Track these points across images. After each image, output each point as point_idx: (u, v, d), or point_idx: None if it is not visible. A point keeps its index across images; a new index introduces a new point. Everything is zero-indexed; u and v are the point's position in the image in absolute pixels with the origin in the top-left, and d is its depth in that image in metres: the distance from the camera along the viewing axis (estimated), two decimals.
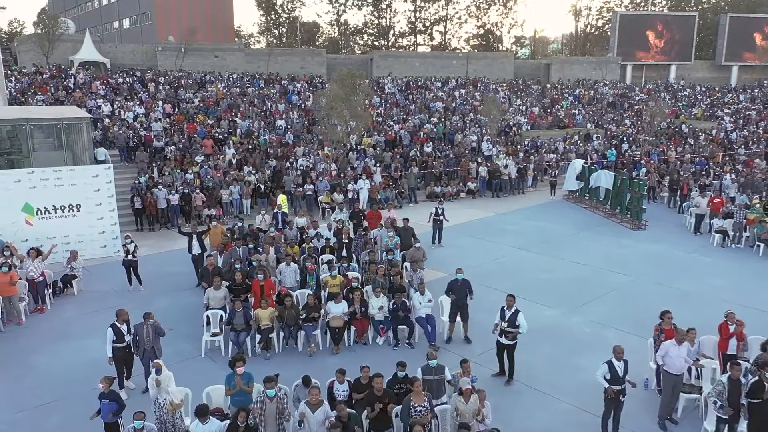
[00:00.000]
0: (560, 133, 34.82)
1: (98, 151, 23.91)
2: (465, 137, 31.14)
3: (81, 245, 16.64)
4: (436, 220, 18.50)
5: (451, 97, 42.18)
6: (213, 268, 12.57)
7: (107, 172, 16.99)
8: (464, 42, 77.09)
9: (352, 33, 77.13)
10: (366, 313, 11.66)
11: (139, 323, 9.76)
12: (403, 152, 28.04)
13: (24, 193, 15.90)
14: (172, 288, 14.53)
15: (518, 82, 50.72)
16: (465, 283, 11.83)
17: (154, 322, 9.84)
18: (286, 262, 13.02)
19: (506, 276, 15.87)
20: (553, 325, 12.80)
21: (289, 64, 51.59)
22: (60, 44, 45.24)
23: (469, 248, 18.58)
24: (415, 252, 14.41)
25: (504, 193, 26.72)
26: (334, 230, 16.13)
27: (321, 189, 22.69)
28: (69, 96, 32.67)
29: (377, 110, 35.24)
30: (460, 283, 11.78)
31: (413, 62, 55.38)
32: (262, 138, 27.54)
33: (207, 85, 38.73)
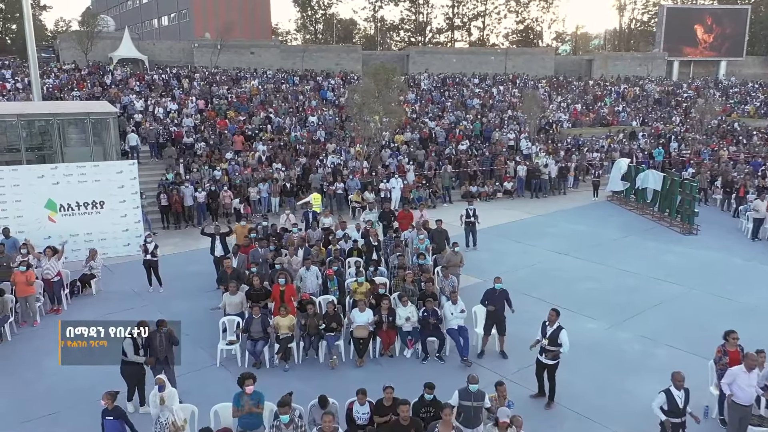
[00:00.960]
0: (603, 131, 33.25)
1: (130, 137, 23.88)
2: (502, 135, 29.95)
3: (104, 243, 16.26)
4: (467, 223, 17.48)
5: (489, 93, 40.91)
6: (231, 271, 11.87)
7: (131, 168, 16.55)
8: (503, 38, 75.51)
9: (389, 29, 76.26)
10: (393, 323, 10.79)
11: (153, 331, 9.07)
12: (437, 150, 27.06)
13: (47, 189, 15.57)
14: (193, 290, 13.94)
15: (558, 79, 49.02)
16: (503, 293, 10.85)
17: (168, 329, 9.16)
18: (306, 266, 12.23)
19: (545, 283, 14.78)
20: (598, 340, 11.69)
21: (324, 60, 51.20)
22: (99, 41, 45.83)
23: (505, 252, 17.53)
24: (453, 256, 13.47)
25: (543, 193, 25.47)
26: (363, 231, 15.30)
27: (352, 187, 21.91)
28: (105, 92, 32.78)
29: (412, 107, 34.31)
30: (498, 293, 10.81)
31: (450, 58, 54.33)
32: (293, 135, 26.92)
33: (242, 81, 38.49)
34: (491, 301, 10.78)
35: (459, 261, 13.39)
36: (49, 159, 20.09)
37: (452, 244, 13.86)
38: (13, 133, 21.33)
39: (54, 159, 20.61)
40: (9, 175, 15.36)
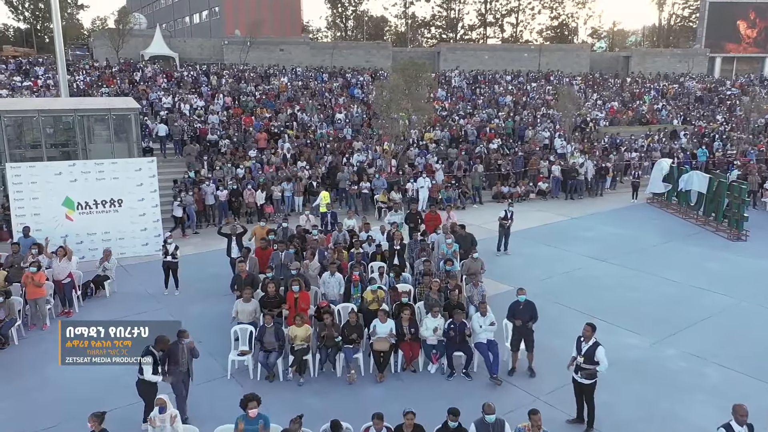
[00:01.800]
0: (642, 130, 31.80)
1: (159, 127, 23.89)
2: (536, 133, 28.83)
3: (122, 242, 15.86)
4: (503, 224, 16.55)
5: (522, 91, 39.70)
6: (246, 276, 11.21)
7: (150, 165, 16.10)
8: (536, 34, 73.82)
9: (420, 26, 75.28)
10: (417, 336, 10.01)
11: (173, 342, 8.38)
12: (468, 149, 26.10)
13: (65, 187, 15.21)
14: (209, 292, 13.37)
15: (594, 76, 47.45)
16: (528, 305, 9.95)
17: (189, 341, 8.52)
18: (330, 271, 11.51)
19: (581, 292, 13.79)
20: (641, 357, 10.70)
21: (353, 57, 50.65)
22: (131, 39, 46.17)
23: (538, 257, 16.56)
24: (472, 263, 12.61)
25: (579, 194, 24.33)
26: (387, 234, 14.52)
27: (378, 187, 21.14)
28: (133, 89, 32.78)
29: (442, 104, 33.40)
30: (522, 305, 9.92)
31: (482, 55, 53.21)
32: (318, 132, 26.29)
33: (271, 78, 38.13)
34: (516, 315, 9.91)
35: (479, 268, 12.49)
36: (73, 156, 19.87)
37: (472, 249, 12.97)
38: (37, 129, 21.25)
39: (78, 156, 20.42)
40: (26, 172, 15.05)
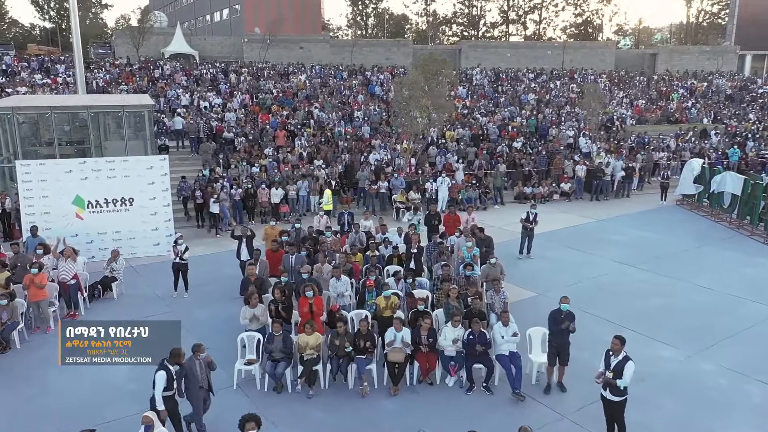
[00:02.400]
0: (671, 129, 30.73)
1: (176, 120, 24.11)
2: (560, 132, 27.97)
3: (132, 242, 15.50)
4: (526, 227, 15.83)
5: (545, 88, 38.78)
6: (255, 279, 10.69)
7: (162, 163, 15.69)
8: (560, 31, 72.50)
9: (441, 23, 74.42)
10: (434, 346, 9.39)
11: (189, 357, 7.87)
12: (489, 147, 25.37)
13: (75, 185, 14.87)
14: (219, 295, 12.89)
15: (620, 74, 46.29)
16: (569, 316, 9.26)
17: (206, 356, 8.02)
18: (335, 276, 10.94)
19: (609, 300, 13.03)
20: (675, 371, 9.95)
21: (373, 55, 50.18)
22: (152, 37, 46.29)
23: (562, 261, 15.79)
24: (490, 269, 11.90)
25: (605, 195, 23.44)
26: (405, 236, 13.92)
27: (396, 186, 20.52)
28: (152, 86, 32.65)
29: (463, 101, 32.69)
30: (564, 315, 9.23)
31: (504, 53, 52.35)
32: (336, 130, 25.77)
33: (290, 76, 37.78)
34: (557, 325, 9.21)
35: (498, 274, 11.80)
36: (87, 153, 19.63)
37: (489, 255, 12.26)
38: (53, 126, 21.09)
39: (92, 153, 20.16)
40: (36, 169, 14.74)
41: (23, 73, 34.26)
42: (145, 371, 9.72)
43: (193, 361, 7.86)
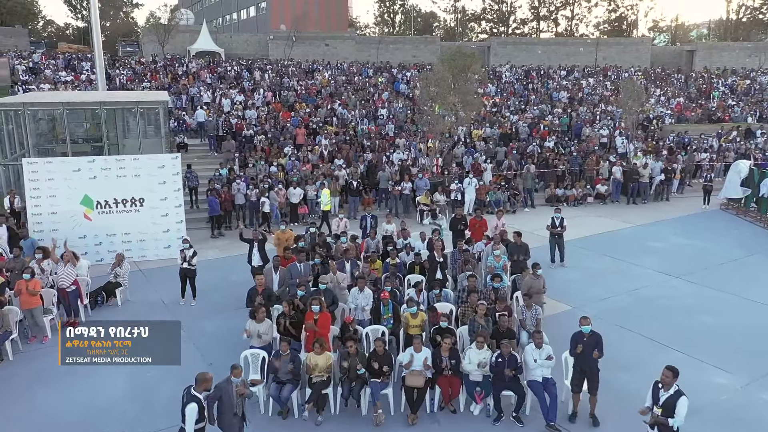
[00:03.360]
0: (713, 128, 29.02)
1: (198, 113, 24.12)
2: (594, 131, 26.59)
3: (142, 245, 14.81)
4: (553, 234, 14.67)
5: (578, 86, 37.30)
6: (263, 290, 9.80)
7: (174, 162, 14.95)
8: (593, 28, 70.40)
9: (470, 20, 72.98)
10: (458, 369, 8.40)
11: (222, 381, 7.02)
12: (519, 147, 24.17)
13: (83, 184, 14.22)
14: (227, 304, 12.07)
15: (656, 71, 44.47)
16: (594, 338, 8.18)
17: (242, 380, 7.18)
18: (359, 287, 10.00)
19: (652, 316, 11.83)
20: (731, 403, 8.77)
21: (400, 52, 49.28)
22: (178, 35, 46.24)
23: (599, 271, 14.60)
24: (533, 281, 10.72)
25: (642, 198, 22.05)
26: (428, 242, 12.92)
27: (420, 187, 19.48)
28: (175, 83, 32.24)
29: (492, 99, 31.48)
30: (587, 338, 8.17)
31: (535, 49, 50.96)
32: (359, 128, 24.86)
33: (314, 73, 37.06)
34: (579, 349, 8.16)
35: (541, 286, 10.71)
36: (99, 151, 19.07)
37: (532, 264, 11.09)
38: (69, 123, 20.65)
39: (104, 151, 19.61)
40: (44, 168, 14.13)
41: (47, 71, 34.16)
42: (140, 391, 9.02)
43: (228, 384, 7.00)
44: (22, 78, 32.74)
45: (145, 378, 9.28)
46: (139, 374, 9.40)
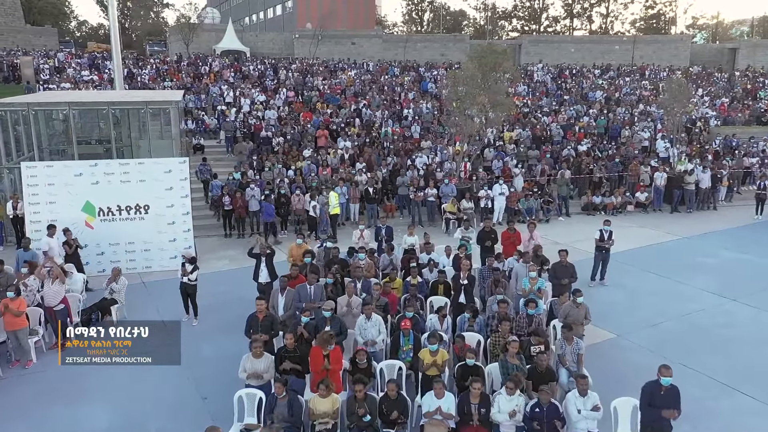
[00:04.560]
0: (763, 131, 27.08)
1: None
2: (634, 133, 24.92)
3: (147, 255, 13.85)
4: (600, 248, 13.24)
5: (615, 85, 35.51)
6: (263, 318, 8.63)
7: (182, 167, 13.95)
8: (629, 25, 68.04)
9: (500, 17, 71.22)
10: (487, 418, 7.14)
11: None
12: (553, 150, 22.68)
13: (85, 190, 13.32)
14: (232, 324, 10.82)
15: (697, 70, 42.37)
16: (672, 392, 6.83)
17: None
18: (366, 314, 8.77)
19: (709, 347, 10.35)
20: None
21: (428, 50, 48.14)
22: (203, 33, 45.95)
23: (644, 291, 13.11)
24: (573, 309, 9.29)
25: (688, 207, 20.37)
26: (454, 259, 11.66)
27: (446, 194, 18.17)
28: (197, 82, 31.58)
29: (523, 99, 29.99)
30: (664, 391, 6.82)
31: (568, 47, 49.36)
32: (383, 129, 23.65)
33: (339, 72, 36.05)
34: (658, 404, 6.81)
35: (583, 317, 9.33)
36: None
37: (573, 290, 9.69)
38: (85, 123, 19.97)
39: (124, 153, 18.86)
40: (43, 172, 13.25)
41: (70, 70, 33.82)
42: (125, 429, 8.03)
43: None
44: (45, 77, 32.46)
45: (131, 412, 8.27)
46: (126, 406, 8.43)
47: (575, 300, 9.24)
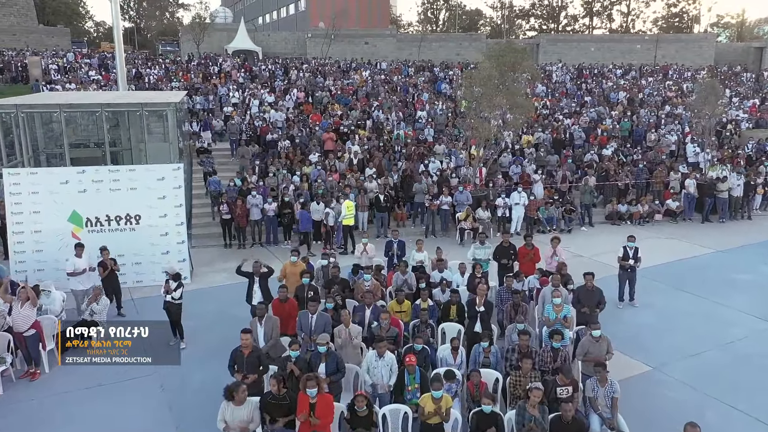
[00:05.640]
0: None
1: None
2: (660, 137, 23.56)
3: (138, 268, 12.90)
4: (624, 267, 12.01)
5: (637, 86, 34.09)
6: (249, 353, 7.54)
7: (176, 174, 12.97)
8: (650, 23, 66.29)
9: (517, 16, 69.81)
10: None
11: None
12: (574, 155, 21.41)
13: (72, 198, 12.40)
14: (223, 349, 9.81)
15: (723, 69, 40.79)
16: None
17: None
18: (378, 352, 7.61)
19: (759, 383, 9.10)
20: None
21: (443, 50, 47.02)
22: (215, 33, 45.38)
23: (677, 313, 11.86)
24: (593, 345, 8.07)
25: (720, 217, 19.02)
26: (469, 279, 10.51)
27: (461, 202, 17.01)
28: (206, 82, 30.77)
29: (542, 100, 28.72)
30: None
31: (587, 47, 47.99)
32: (395, 132, 22.54)
33: (351, 72, 35.05)
34: None
35: (603, 353, 8.12)
36: (119, 158, 17.45)
37: (589, 322, 8.45)
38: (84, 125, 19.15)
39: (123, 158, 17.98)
40: (27, 180, 12.34)
41: (78, 71, 33.22)
42: None
43: None
44: (53, 77, 31.88)
45: None
46: None
47: (591, 333, 8.07)
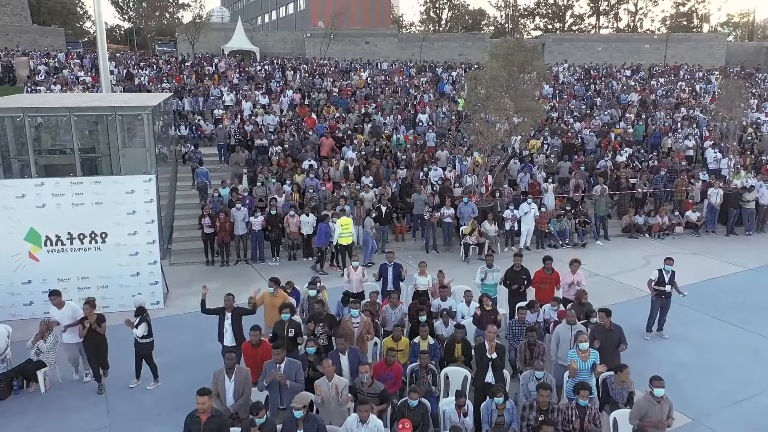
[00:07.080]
0: None
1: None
2: (677, 142, 22.09)
3: (105, 292, 11.47)
4: (659, 293, 10.53)
5: (648, 87, 32.63)
6: (207, 419, 5.90)
7: (147, 186, 11.59)
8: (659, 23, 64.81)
9: (522, 15, 68.36)
10: None
11: None
12: (587, 161, 19.94)
13: (29, 214, 11.03)
14: (191, 396, 8.53)
15: (737, 70, 39.31)
16: None
17: None
18: (360, 417, 6.03)
19: None
20: None
21: (446, 50, 45.74)
22: (211, 33, 44.26)
23: (715, 347, 10.38)
24: (654, 407, 6.49)
25: (746, 229, 17.54)
26: (475, 315, 9.06)
27: (465, 214, 15.58)
28: (199, 83, 29.44)
29: (549, 102, 27.27)
30: None
31: (594, 47, 46.71)
32: (395, 137, 21.11)
33: (351, 73, 33.66)
34: None
35: (665, 418, 6.67)
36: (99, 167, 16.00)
37: (652, 378, 6.81)
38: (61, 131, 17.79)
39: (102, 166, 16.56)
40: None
41: (65, 71, 31.89)
42: None
43: None
44: (39, 78, 30.55)
45: None
46: None
47: (652, 392, 6.63)
